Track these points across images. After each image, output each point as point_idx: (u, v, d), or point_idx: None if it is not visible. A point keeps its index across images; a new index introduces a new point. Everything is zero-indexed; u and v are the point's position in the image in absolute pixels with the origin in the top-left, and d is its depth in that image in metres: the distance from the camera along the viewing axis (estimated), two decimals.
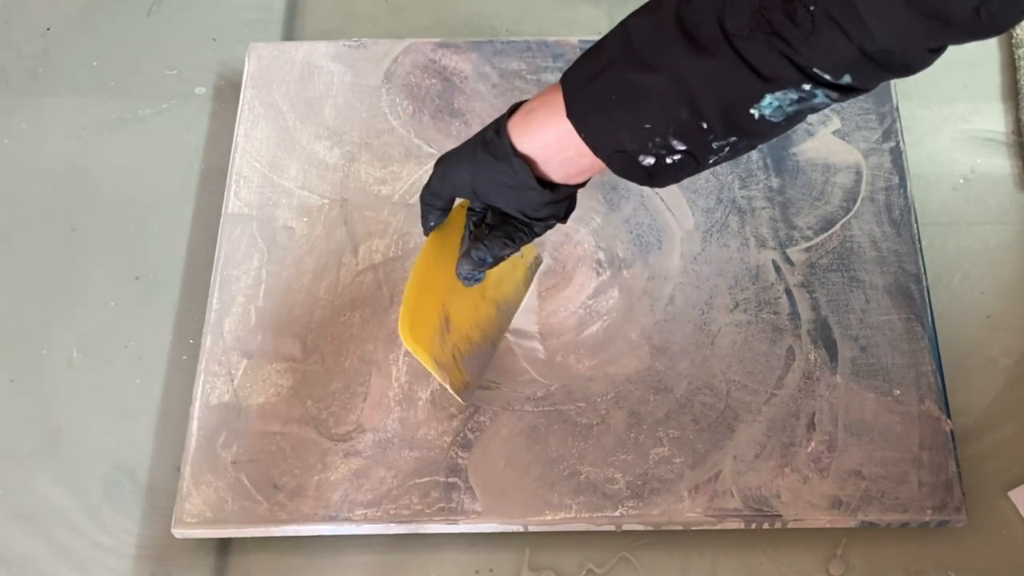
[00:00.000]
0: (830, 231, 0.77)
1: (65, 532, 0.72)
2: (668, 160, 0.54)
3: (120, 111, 0.88)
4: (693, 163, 0.54)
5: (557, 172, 0.58)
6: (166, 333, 0.78)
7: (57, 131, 0.87)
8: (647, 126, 0.52)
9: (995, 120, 0.85)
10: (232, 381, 0.73)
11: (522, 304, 0.75)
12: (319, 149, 0.82)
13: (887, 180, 0.79)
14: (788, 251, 0.77)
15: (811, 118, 0.81)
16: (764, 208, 0.78)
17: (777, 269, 0.76)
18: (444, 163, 0.62)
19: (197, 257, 0.81)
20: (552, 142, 0.57)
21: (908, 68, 0.49)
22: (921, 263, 0.76)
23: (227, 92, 0.88)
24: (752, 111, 0.51)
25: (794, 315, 0.74)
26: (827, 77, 0.49)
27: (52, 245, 0.82)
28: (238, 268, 0.77)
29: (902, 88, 0.85)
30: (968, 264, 0.79)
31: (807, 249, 0.77)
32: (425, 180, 0.63)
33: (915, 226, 0.77)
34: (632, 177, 0.56)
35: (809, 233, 0.77)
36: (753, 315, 0.74)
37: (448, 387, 0.67)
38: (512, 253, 0.64)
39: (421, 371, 0.73)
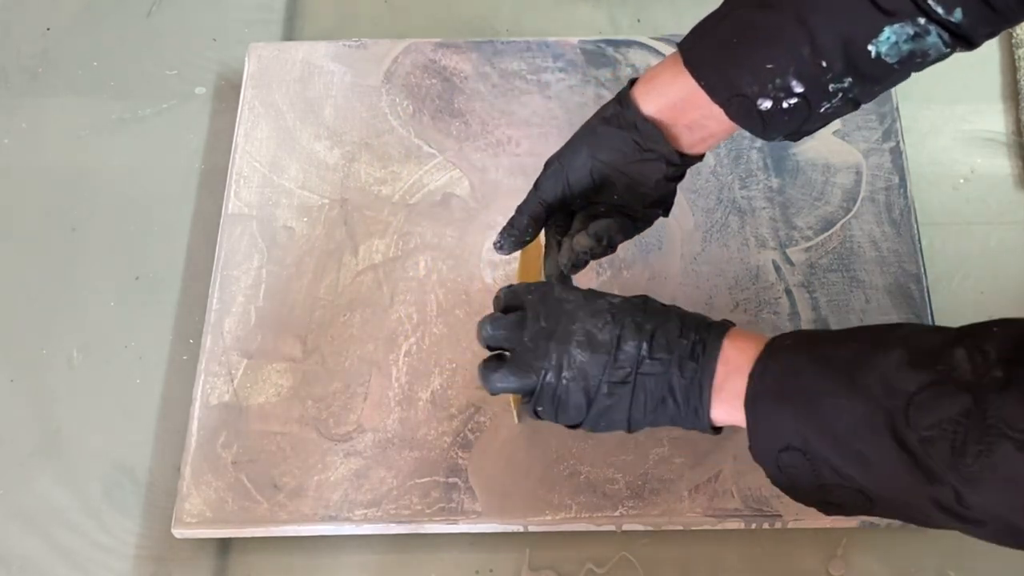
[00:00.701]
0: (830, 231, 0.77)
1: (65, 532, 0.72)
2: (784, 104, 0.56)
3: (120, 111, 0.88)
4: (806, 108, 0.56)
5: (683, 137, 0.59)
6: (166, 333, 0.78)
7: (57, 131, 0.87)
8: (769, 66, 0.54)
9: (995, 120, 0.85)
10: (232, 381, 0.73)
11: None
12: (319, 149, 0.82)
13: (887, 180, 0.79)
14: (788, 251, 0.77)
15: None
16: (764, 208, 0.78)
17: (777, 269, 0.76)
18: (556, 158, 0.62)
19: (197, 257, 0.81)
20: (678, 101, 0.58)
21: (1015, 13, 0.52)
22: (921, 263, 0.76)
23: (227, 92, 0.88)
24: (870, 47, 0.53)
25: (794, 315, 0.74)
26: (940, 11, 0.51)
27: (52, 245, 0.82)
28: (238, 268, 0.77)
29: (902, 88, 0.84)
30: (968, 264, 0.79)
31: (807, 249, 0.77)
32: (425, 180, 0.63)
33: (915, 226, 0.77)
34: (747, 123, 0.57)
35: (809, 233, 0.77)
36: (753, 315, 0.74)
37: (514, 412, 0.68)
38: (621, 241, 0.63)
39: (421, 371, 0.73)
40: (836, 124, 0.81)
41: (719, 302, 0.75)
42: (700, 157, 0.62)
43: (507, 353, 0.58)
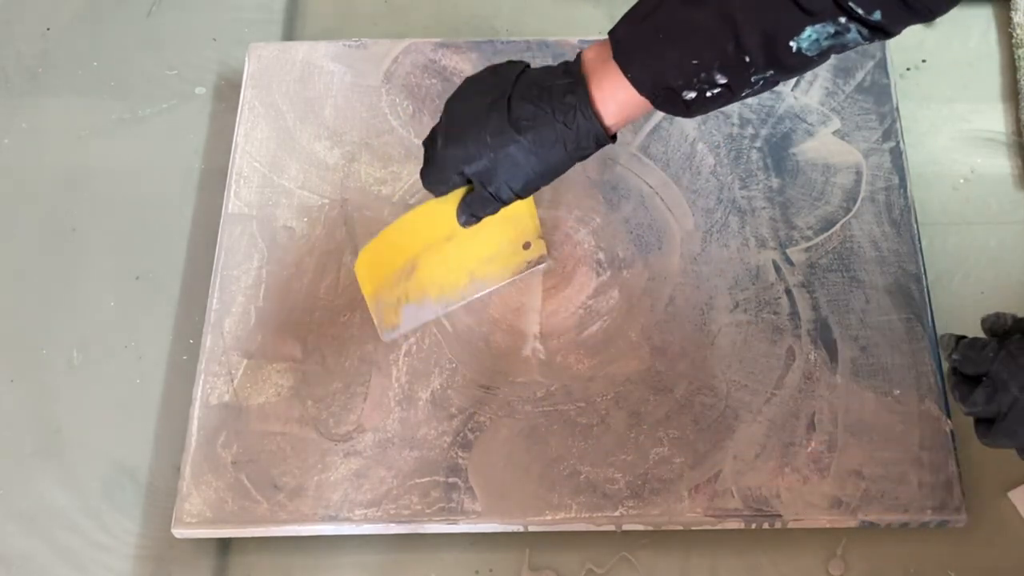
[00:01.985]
0: (830, 231, 0.77)
1: (65, 532, 0.72)
2: (708, 94, 0.58)
3: (120, 111, 0.88)
4: (729, 95, 0.59)
5: (613, 117, 0.61)
6: (166, 333, 0.78)
7: (57, 131, 0.87)
8: (694, 62, 0.57)
9: (995, 120, 0.85)
10: (232, 381, 0.73)
11: (528, 305, 0.75)
12: (319, 149, 0.82)
13: (887, 180, 0.79)
14: (788, 251, 0.77)
15: (811, 118, 0.81)
16: (764, 208, 0.78)
17: (777, 269, 0.76)
18: (511, 161, 0.63)
19: (197, 257, 0.81)
20: (622, 98, 0.61)
21: (931, 12, 0.54)
22: (921, 263, 0.76)
23: (227, 92, 0.88)
24: (792, 44, 0.55)
25: (794, 315, 0.74)
26: (860, 11, 0.53)
27: (52, 245, 0.82)
28: (238, 268, 0.77)
29: (902, 88, 0.85)
30: (968, 264, 0.79)
31: (807, 249, 0.77)
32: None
33: (915, 226, 0.77)
34: (672, 111, 0.60)
35: (809, 233, 0.77)
36: (753, 315, 0.74)
37: (375, 320, 0.71)
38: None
39: (421, 371, 0.73)
40: (836, 124, 0.81)
41: (719, 302, 0.75)
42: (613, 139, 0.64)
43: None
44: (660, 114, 0.81)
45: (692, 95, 0.58)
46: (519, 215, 0.70)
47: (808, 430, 0.70)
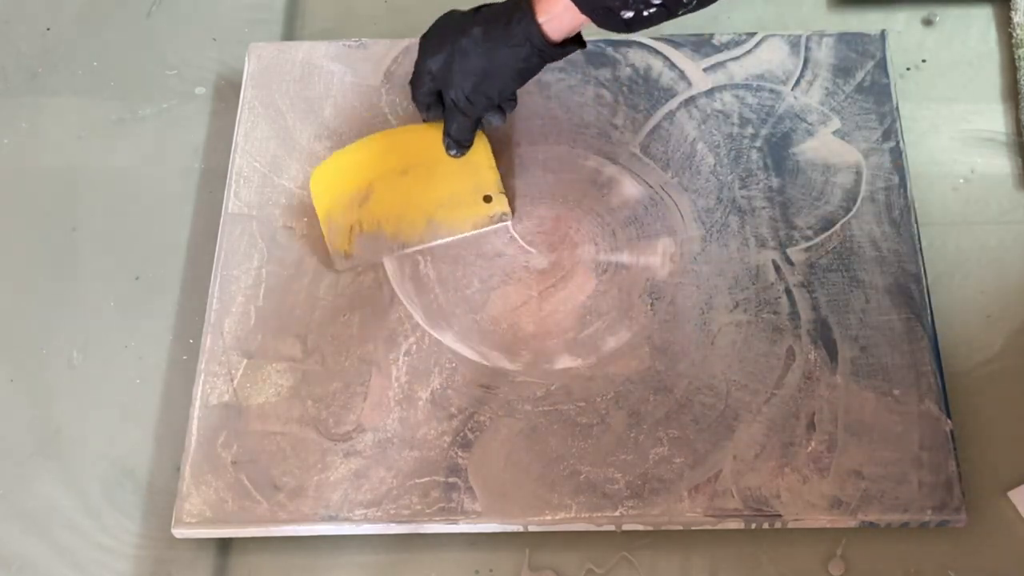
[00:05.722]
0: (830, 231, 0.77)
1: (65, 532, 0.72)
2: (645, 13, 0.64)
3: (120, 111, 0.88)
4: (665, 14, 0.64)
5: (556, 32, 0.69)
6: (166, 333, 0.78)
7: (57, 131, 0.87)
8: None
9: (995, 120, 0.85)
10: (232, 381, 0.73)
11: (528, 304, 0.75)
12: (319, 149, 0.82)
13: (887, 180, 0.79)
14: (788, 251, 0.77)
15: (811, 118, 0.81)
16: (764, 208, 0.78)
17: (777, 269, 0.76)
18: (472, 82, 0.72)
19: (197, 257, 0.81)
20: (563, 14, 0.68)
21: None
22: (921, 263, 0.76)
23: (227, 92, 0.88)
24: None
25: (794, 315, 0.74)
26: None
27: (52, 245, 0.82)
28: (238, 268, 0.77)
29: (902, 88, 0.85)
30: (968, 264, 0.79)
31: (807, 249, 0.77)
32: None
33: (915, 226, 0.77)
34: (612, 28, 0.66)
35: (809, 233, 0.77)
36: (753, 315, 0.74)
37: (328, 244, 0.75)
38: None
39: (421, 371, 0.73)
40: (836, 124, 0.81)
41: (719, 302, 0.75)
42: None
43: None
44: (660, 114, 0.82)
45: (630, 14, 0.64)
46: (477, 163, 0.77)
47: (808, 430, 0.70)
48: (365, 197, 0.75)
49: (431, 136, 0.78)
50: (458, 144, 0.77)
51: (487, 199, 0.76)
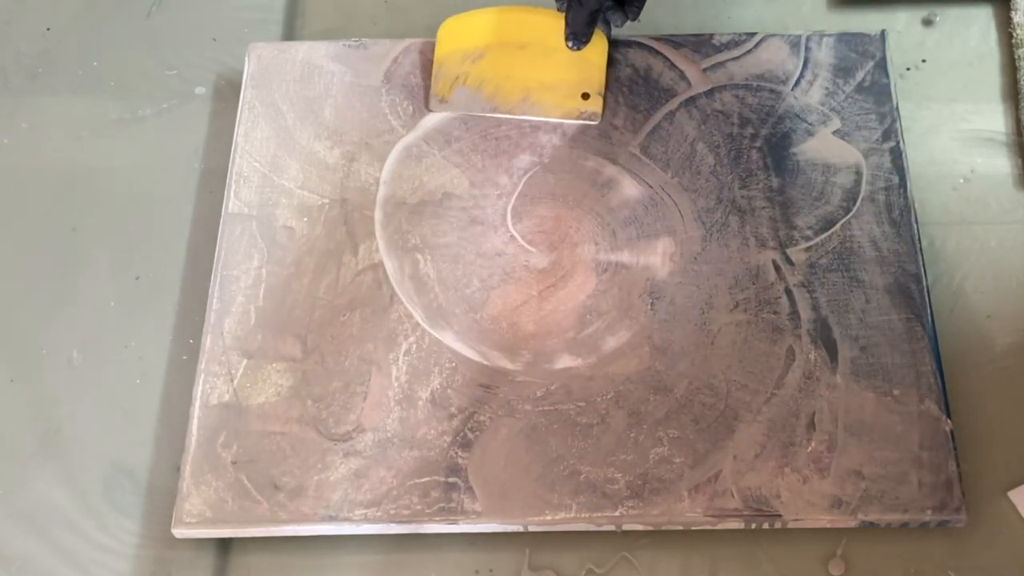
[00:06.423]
0: (830, 231, 0.77)
1: (65, 532, 0.72)
2: None
3: (120, 111, 0.88)
4: None
5: None
6: (166, 333, 0.78)
7: (57, 131, 0.87)
8: None
9: (995, 120, 0.85)
10: (232, 381, 0.73)
11: (528, 304, 0.75)
12: (319, 149, 0.82)
13: (887, 180, 0.79)
14: (788, 251, 0.77)
15: (811, 118, 0.81)
16: (764, 208, 0.78)
17: (777, 269, 0.76)
18: None
19: (197, 257, 0.81)
20: None
21: None
22: (921, 263, 0.76)
23: (227, 92, 0.88)
24: None
25: (794, 315, 0.74)
26: None
27: (52, 245, 0.82)
28: (238, 268, 0.77)
29: (902, 88, 0.85)
30: (968, 264, 0.79)
31: (807, 249, 0.77)
32: (424, 179, 0.64)
33: (915, 226, 0.77)
34: None
35: (809, 233, 0.77)
36: (753, 315, 0.74)
37: (432, 83, 0.82)
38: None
39: (421, 371, 0.73)
40: (836, 124, 0.81)
41: (719, 302, 0.75)
42: None
43: None
44: (660, 114, 0.82)
45: None
46: (589, 60, 0.81)
47: (808, 430, 0.70)
48: (480, 55, 0.81)
49: (559, 26, 0.81)
50: (574, 36, 0.79)
51: (585, 96, 0.81)
